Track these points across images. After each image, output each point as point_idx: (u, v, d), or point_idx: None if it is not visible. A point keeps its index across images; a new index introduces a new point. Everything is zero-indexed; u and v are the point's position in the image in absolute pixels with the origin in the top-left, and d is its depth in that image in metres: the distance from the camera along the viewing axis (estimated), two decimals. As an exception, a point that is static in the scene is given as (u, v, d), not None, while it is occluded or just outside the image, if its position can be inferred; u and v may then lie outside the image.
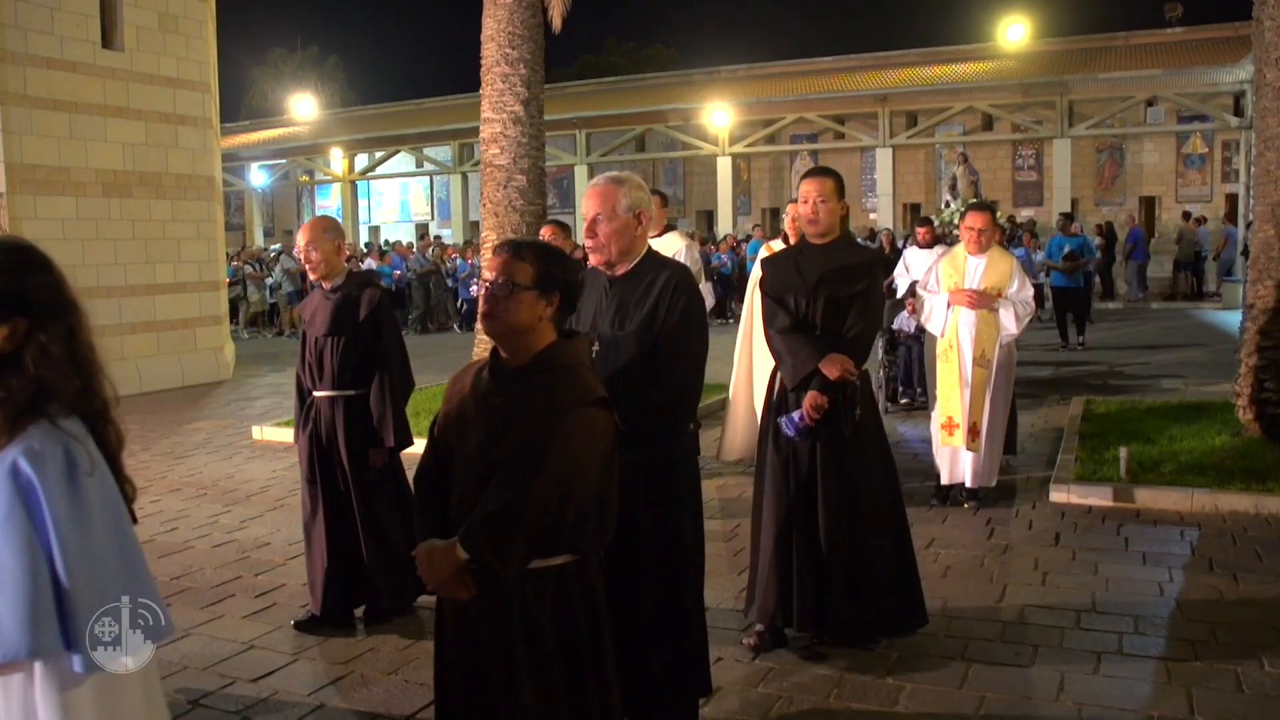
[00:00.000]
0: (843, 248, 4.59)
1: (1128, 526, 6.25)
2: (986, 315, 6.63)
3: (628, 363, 3.40)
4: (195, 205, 14.73)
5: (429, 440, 2.86)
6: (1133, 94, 26.39)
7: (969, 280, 6.73)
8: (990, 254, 6.75)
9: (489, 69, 10.62)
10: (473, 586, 2.57)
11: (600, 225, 3.49)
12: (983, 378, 6.61)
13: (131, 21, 13.76)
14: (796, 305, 4.52)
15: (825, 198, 4.50)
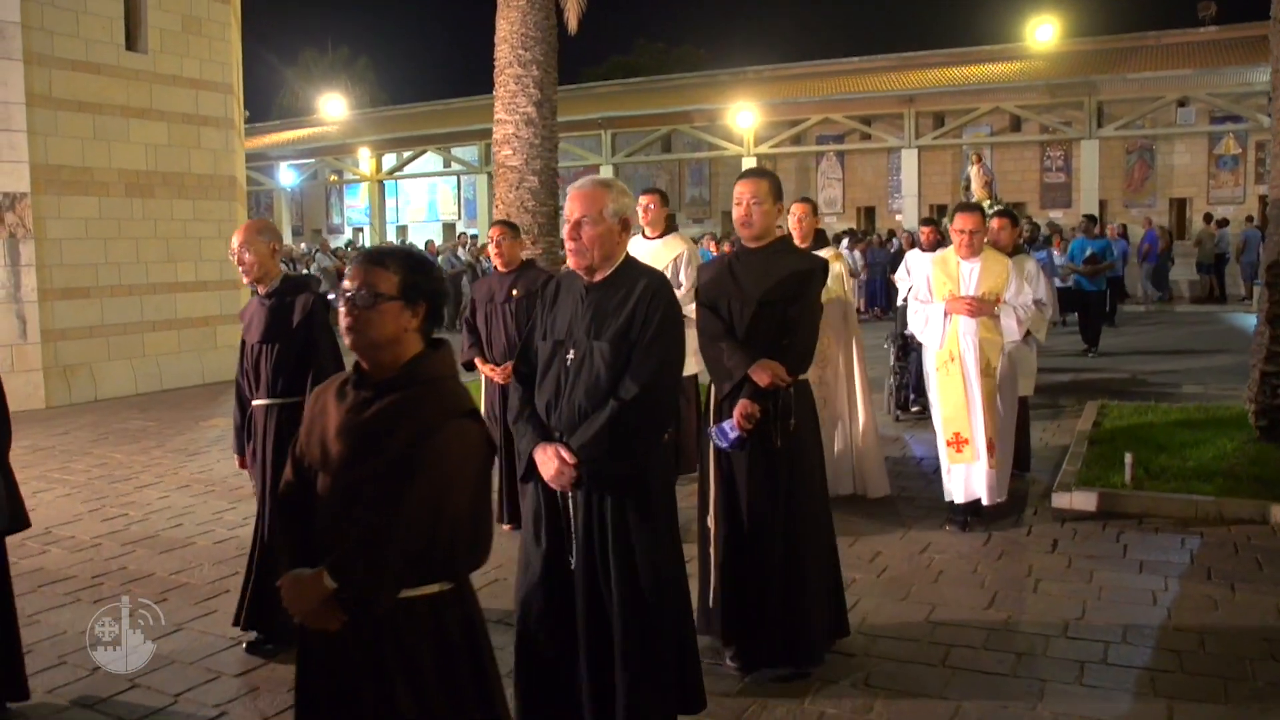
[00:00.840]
0: (779, 252, 4.41)
1: (1128, 534, 6.19)
2: (987, 322, 6.20)
3: (603, 371, 3.36)
4: (217, 205, 14.86)
5: (289, 460, 2.69)
6: (1163, 94, 26.16)
7: (964, 286, 6.27)
8: (984, 257, 6.30)
9: (502, 70, 10.68)
10: (342, 616, 2.42)
11: (585, 228, 3.42)
12: (991, 389, 6.22)
13: (155, 24, 13.92)
14: (730, 312, 4.37)
15: (759, 200, 4.33)
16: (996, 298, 6.20)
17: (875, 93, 29.08)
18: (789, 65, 33.95)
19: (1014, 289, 6.23)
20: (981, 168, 15.47)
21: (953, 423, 6.27)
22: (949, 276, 6.33)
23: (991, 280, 6.23)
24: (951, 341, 6.26)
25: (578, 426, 3.35)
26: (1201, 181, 28.79)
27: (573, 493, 3.39)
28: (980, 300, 6.17)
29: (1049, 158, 30.18)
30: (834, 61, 32.78)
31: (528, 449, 3.44)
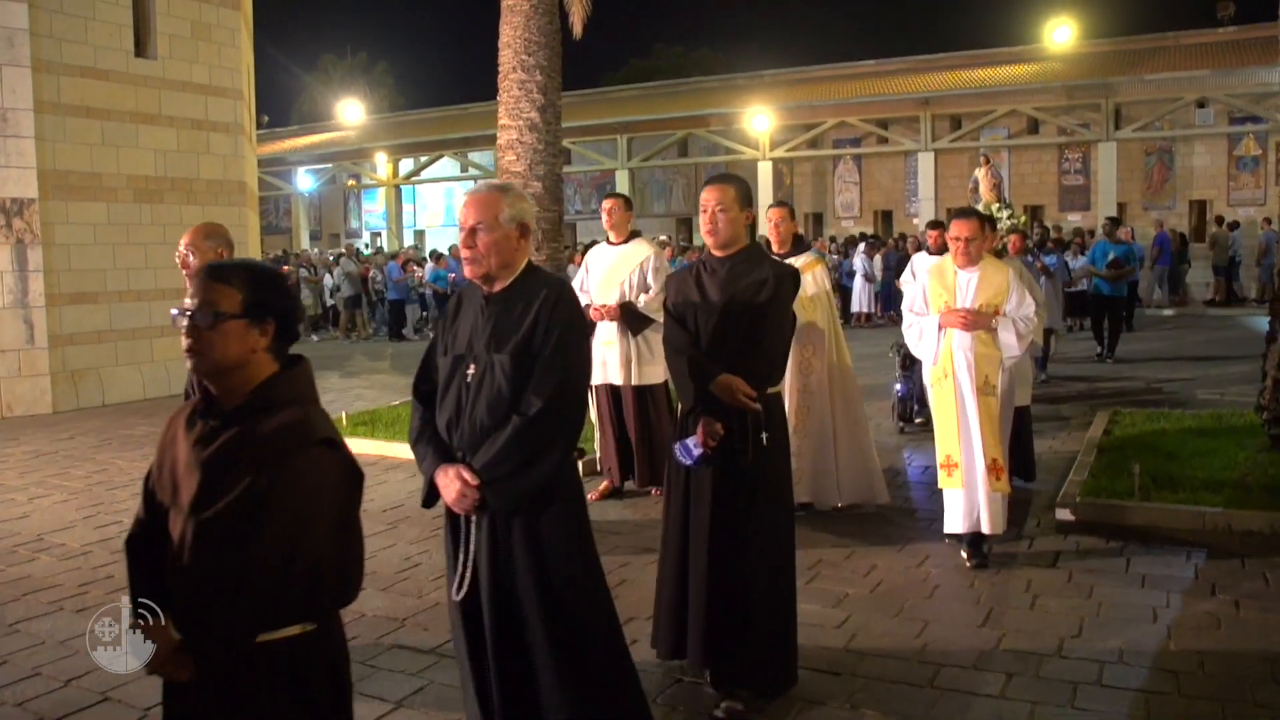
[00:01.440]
0: (747, 261, 4.20)
1: (1132, 547, 6.05)
2: (984, 337, 5.78)
3: (504, 386, 3.19)
4: (227, 210, 14.82)
5: (142, 496, 2.53)
6: (1182, 95, 25.89)
7: (960, 298, 5.86)
8: (983, 266, 5.89)
9: (505, 75, 10.58)
10: (192, 668, 2.26)
11: (480, 235, 3.23)
12: (992, 408, 5.80)
13: (164, 30, 13.94)
14: (695, 323, 4.19)
15: (725, 206, 4.13)
16: (995, 310, 5.80)
17: (891, 95, 28.90)
18: (805, 68, 33.80)
19: (1015, 301, 5.80)
20: (989, 170, 15.01)
21: (944, 444, 5.91)
22: (945, 287, 5.95)
23: (990, 291, 5.83)
24: (945, 357, 5.88)
25: (480, 445, 3.19)
26: (1221, 183, 28.45)
27: (478, 516, 3.24)
28: (976, 313, 5.77)
29: (1067, 160, 29.88)
30: (850, 64, 32.62)
31: (428, 472, 3.29)
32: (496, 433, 3.17)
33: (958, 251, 5.91)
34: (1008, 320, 5.79)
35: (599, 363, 7.15)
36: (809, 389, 6.69)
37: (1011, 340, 5.77)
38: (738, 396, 3.96)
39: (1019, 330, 5.77)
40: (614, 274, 7.31)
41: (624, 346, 7.24)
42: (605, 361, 7.28)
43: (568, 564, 3.25)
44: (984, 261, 5.95)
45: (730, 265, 4.19)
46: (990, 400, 5.80)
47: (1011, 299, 5.81)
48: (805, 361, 6.66)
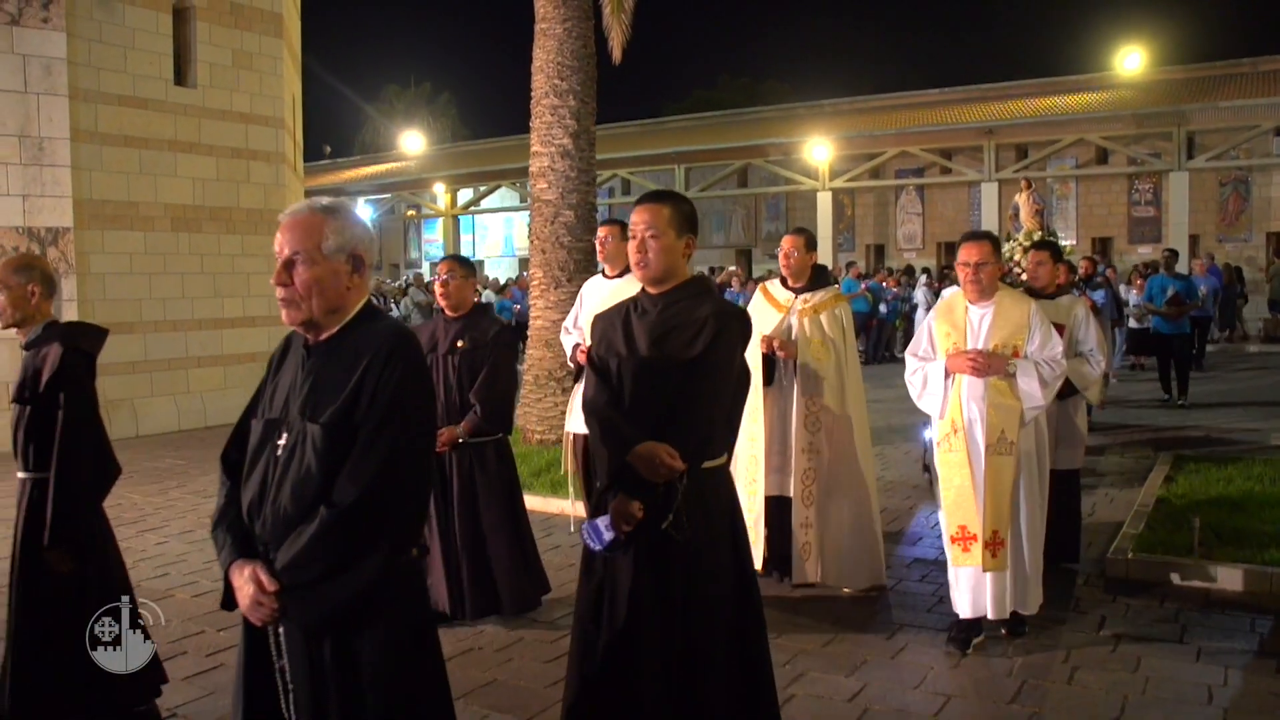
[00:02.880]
0: (685, 300, 3.34)
1: (1188, 613, 5.46)
2: (1000, 384, 4.89)
3: (314, 465, 2.48)
4: (267, 240, 14.49)
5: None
6: (1259, 123, 24.92)
7: (972, 338, 5.00)
8: (998, 299, 5.02)
9: (538, 101, 10.28)
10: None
11: (298, 270, 2.54)
12: (1006, 470, 4.90)
13: (205, 59, 13.86)
14: (619, 377, 3.34)
15: (657, 231, 3.29)
16: (1014, 351, 4.91)
17: (954, 125, 28.25)
18: (866, 98, 33.26)
19: (1038, 341, 4.92)
20: (1032, 195, 14.23)
21: (956, 513, 5.00)
22: (954, 326, 5.07)
23: (1008, 329, 4.95)
24: (954, 409, 4.99)
25: (284, 538, 2.51)
26: (1301, 214, 27.42)
27: (280, 629, 2.56)
28: (989, 355, 4.89)
29: (1137, 190, 28.99)
30: (912, 94, 32.03)
31: (224, 566, 2.63)
32: (302, 525, 2.48)
33: (967, 281, 5.02)
34: (1028, 364, 4.89)
35: (573, 408, 6.53)
36: (817, 449, 5.85)
37: (1034, 388, 4.86)
38: (660, 470, 3.10)
39: (1043, 376, 4.87)
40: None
41: None
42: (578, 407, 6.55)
43: (390, 702, 2.51)
44: (1000, 294, 5.08)
45: (664, 305, 3.35)
46: (1003, 461, 4.90)
47: (1034, 338, 4.93)
48: (813, 417, 5.83)
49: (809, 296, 5.95)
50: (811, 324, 5.87)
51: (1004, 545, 4.91)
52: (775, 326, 5.91)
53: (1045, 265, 6.38)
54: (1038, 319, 5.00)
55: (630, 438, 3.19)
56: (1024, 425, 4.94)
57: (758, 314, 5.91)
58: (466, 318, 5.59)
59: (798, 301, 5.96)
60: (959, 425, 4.98)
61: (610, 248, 6.48)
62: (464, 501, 5.47)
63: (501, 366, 5.44)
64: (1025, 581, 5.02)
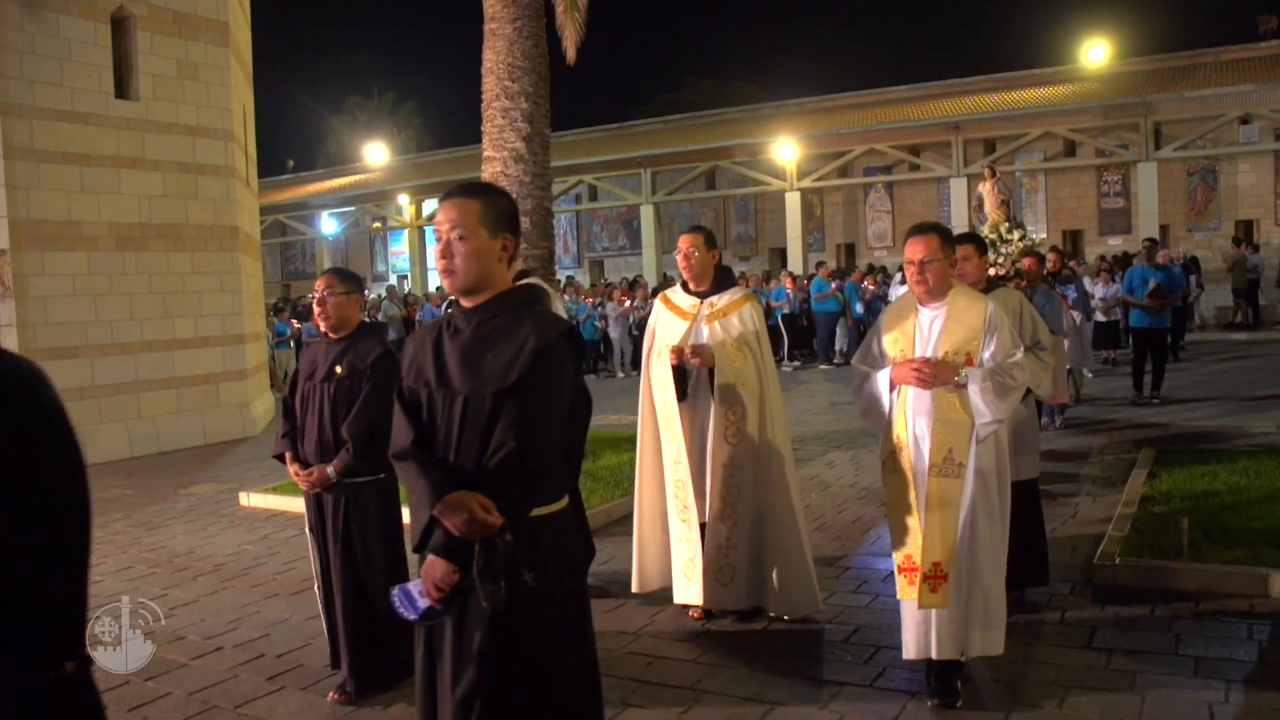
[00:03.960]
0: (502, 315, 2.78)
1: (1182, 620, 5.13)
2: (948, 398, 4.27)
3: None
4: (218, 256, 14.26)
5: None
6: (1224, 112, 24.82)
7: (921, 343, 4.39)
8: (952, 299, 4.40)
9: (489, 104, 9.91)
10: None
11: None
12: (952, 494, 4.25)
13: (147, 70, 13.38)
14: (429, 408, 2.83)
15: (466, 231, 2.74)
16: (967, 359, 4.29)
17: (921, 121, 28.04)
18: (832, 96, 33.02)
19: (995, 345, 4.29)
20: (996, 184, 13.59)
21: (902, 541, 4.40)
22: (902, 331, 4.48)
23: (961, 333, 4.33)
24: (899, 424, 4.40)
25: None
26: (1269, 202, 27.32)
27: None
28: (936, 364, 4.26)
29: (1106, 182, 28.88)
30: (879, 91, 31.82)
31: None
32: None
33: (912, 279, 4.39)
34: (982, 373, 4.25)
35: None
36: (737, 463, 5.25)
37: (988, 401, 4.22)
38: (473, 525, 2.57)
39: (998, 387, 4.23)
40: None
41: None
42: None
43: None
44: (954, 293, 4.44)
45: (478, 323, 2.81)
46: (949, 485, 4.25)
47: (990, 343, 4.30)
48: (732, 428, 5.24)
49: (715, 300, 5.40)
50: (723, 328, 5.31)
51: (946, 580, 4.23)
52: (683, 335, 5.35)
53: (971, 260, 5.55)
54: (996, 321, 4.35)
55: (438, 485, 2.66)
56: (977, 443, 4.26)
57: (662, 325, 5.50)
58: (348, 340, 4.80)
59: (704, 306, 5.40)
60: (903, 443, 4.39)
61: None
62: (342, 553, 4.73)
63: (376, 395, 4.53)
64: (978, 620, 4.28)
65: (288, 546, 7.86)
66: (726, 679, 4.71)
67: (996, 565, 4.34)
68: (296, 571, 7.07)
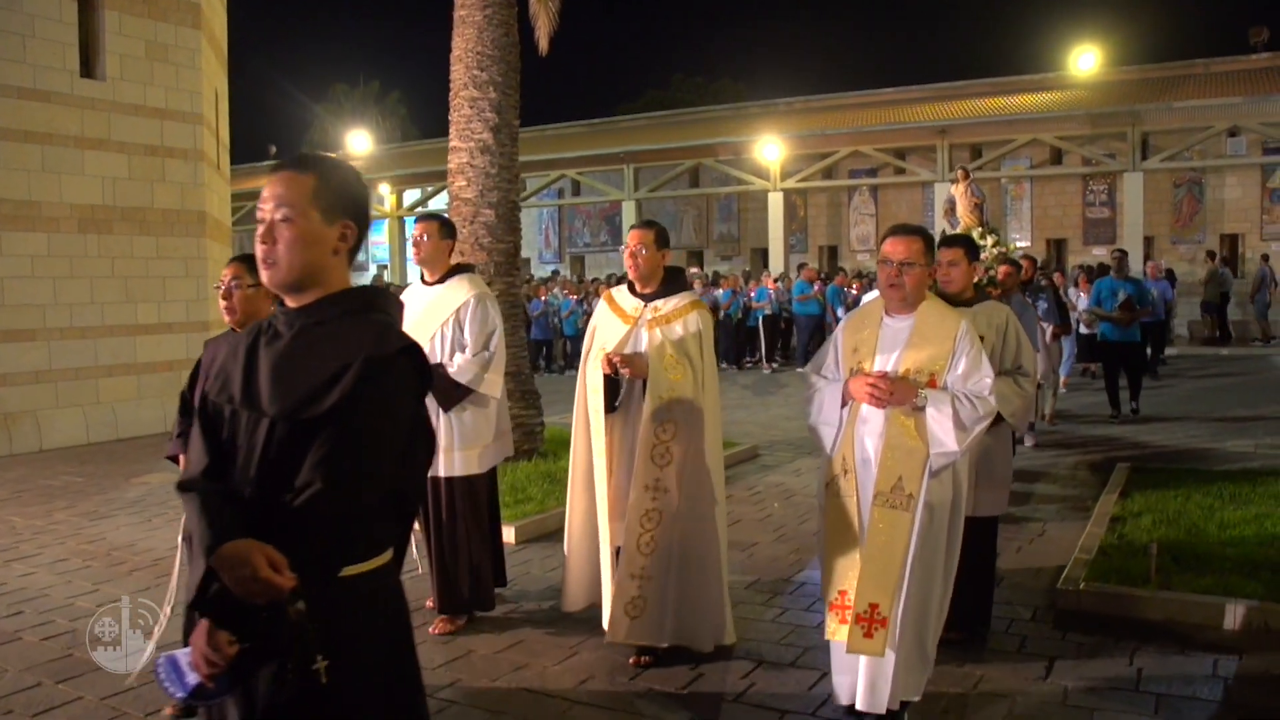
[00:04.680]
0: (330, 321, 2.26)
1: (1146, 652, 4.90)
2: (903, 421, 3.88)
3: None
4: (184, 242, 13.96)
5: None
6: (1212, 124, 24.67)
7: (881, 357, 4.00)
8: (922, 312, 4.03)
9: (456, 93, 9.63)
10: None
11: None
12: (898, 528, 3.85)
13: (115, 50, 13.07)
14: (231, 428, 2.28)
15: (293, 214, 2.23)
16: (929, 379, 3.91)
17: (907, 124, 27.83)
18: (819, 97, 32.79)
19: (963, 367, 3.91)
20: (970, 186, 13.14)
21: (835, 574, 4.01)
22: (863, 342, 4.08)
23: (927, 350, 3.94)
24: (846, 444, 4.01)
25: None
26: (1254, 216, 27.20)
27: None
28: (895, 382, 3.88)
29: (1092, 192, 28.71)
30: (865, 93, 31.57)
31: None
32: None
33: (886, 284, 4.03)
34: (944, 397, 3.85)
35: None
36: (663, 486, 4.74)
37: (946, 430, 3.81)
38: (256, 586, 2.02)
39: (961, 415, 3.81)
40: (424, 325, 5.40)
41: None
42: None
43: None
44: (926, 305, 4.05)
45: (300, 329, 2.28)
46: (895, 517, 3.84)
47: (957, 364, 3.92)
48: (661, 448, 4.72)
49: (660, 304, 4.92)
50: (664, 336, 4.81)
51: (884, 625, 3.81)
52: (620, 340, 4.88)
53: (959, 265, 5.11)
54: (967, 341, 3.95)
55: (221, 529, 2.12)
56: (930, 476, 3.85)
57: (602, 326, 5.06)
58: None
59: (647, 310, 4.92)
60: (849, 465, 3.99)
61: (427, 248, 5.51)
62: None
63: None
64: (908, 669, 3.93)
65: (231, 545, 7.60)
66: (660, 705, 4.47)
67: (936, 613, 3.98)
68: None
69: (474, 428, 5.44)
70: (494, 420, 5.55)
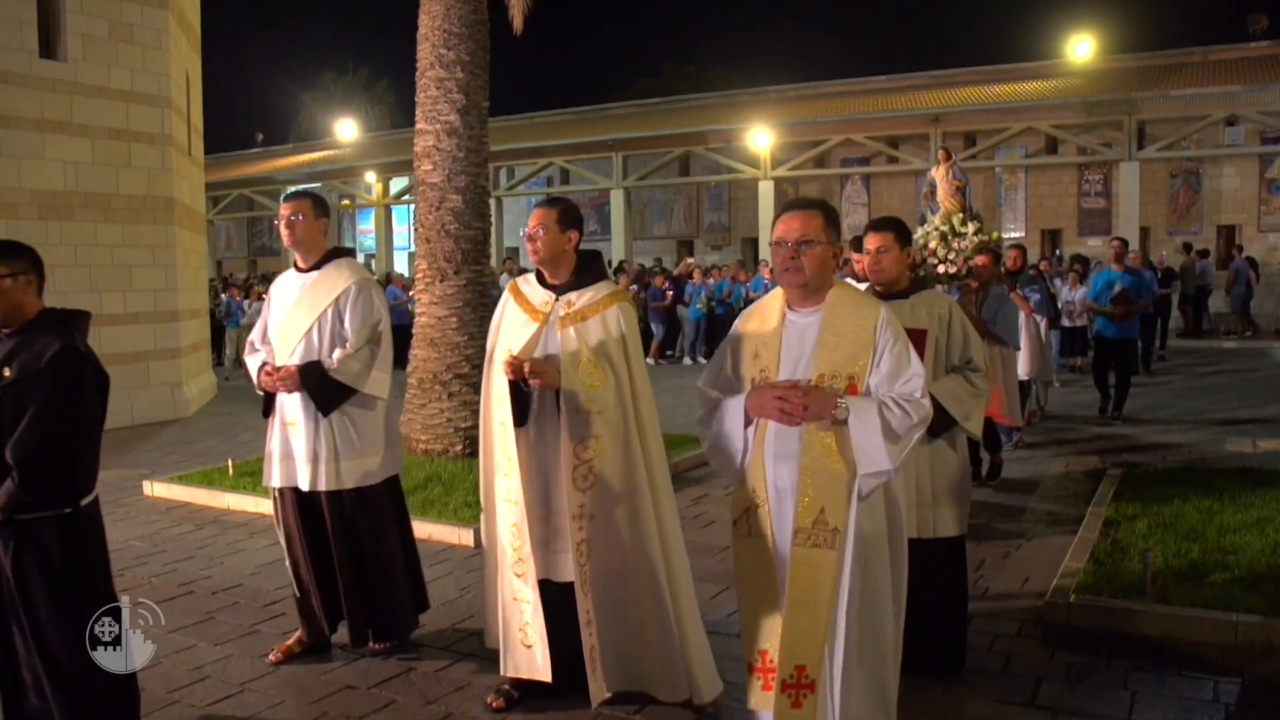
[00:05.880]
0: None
1: (1141, 675, 4.51)
2: (822, 438, 3.19)
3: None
4: (151, 229, 13.52)
5: None
6: (1210, 112, 24.27)
7: (788, 361, 3.31)
8: (831, 302, 3.32)
9: (423, 73, 9.23)
10: None
11: None
12: (824, 570, 3.17)
13: (77, 30, 12.61)
14: None
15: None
16: (849, 384, 3.23)
17: (900, 111, 27.41)
18: (811, 84, 32.35)
19: (886, 366, 3.24)
20: (951, 169, 12.42)
21: (754, 631, 3.38)
22: (765, 344, 3.37)
23: (842, 348, 3.25)
24: (754, 472, 3.32)
25: None
26: (1252, 207, 26.80)
27: None
28: (807, 391, 3.18)
29: (1087, 181, 28.29)
30: (858, 80, 31.14)
31: None
32: None
33: (781, 266, 3.32)
34: (868, 404, 3.19)
35: (280, 455, 4.86)
36: (589, 514, 4.05)
37: (874, 444, 3.15)
38: None
39: (893, 423, 3.16)
40: (298, 317, 4.83)
41: (309, 431, 4.75)
42: (287, 452, 4.84)
43: None
44: (835, 294, 3.35)
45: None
46: (819, 558, 3.17)
47: (880, 363, 3.25)
48: (584, 468, 4.04)
49: (574, 297, 4.17)
50: (579, 336, 4.08)
51: (813, 689, 3.19)
52: (528, 341, 4.13)
53: (890, 252, 4.41)
54: (889, 333, 3.27)
55: None
56: (859, 501, 3.20)
57: (507, 324, 4.31)
58: (21, 334, 3.59)
59: (559, 305, 4.18)
60: (760, 497, 3.30)
61: (300, 230, 4.82)
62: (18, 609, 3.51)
63: (53, 407, 3.43)
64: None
65: (176, 545, 7.24)
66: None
67: (891, 658, 3.36)
68: (176, 574, 6.48)
69: (361, 434, 4.80)
70: (381, 426, 4.92)
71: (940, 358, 4.37)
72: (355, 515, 4.82)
